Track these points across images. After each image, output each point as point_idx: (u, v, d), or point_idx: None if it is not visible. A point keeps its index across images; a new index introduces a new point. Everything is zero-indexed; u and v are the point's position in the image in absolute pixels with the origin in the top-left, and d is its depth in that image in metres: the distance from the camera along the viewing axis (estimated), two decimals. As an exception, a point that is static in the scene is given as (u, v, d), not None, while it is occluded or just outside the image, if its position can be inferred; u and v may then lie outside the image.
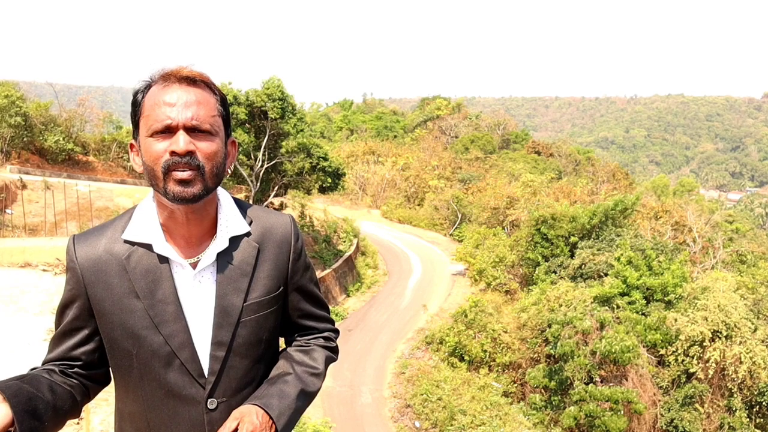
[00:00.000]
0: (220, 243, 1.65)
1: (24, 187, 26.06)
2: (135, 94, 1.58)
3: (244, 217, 1.72)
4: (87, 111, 36.24)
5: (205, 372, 1.63)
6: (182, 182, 1.50)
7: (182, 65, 1.58)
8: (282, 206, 32.91)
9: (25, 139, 30.55)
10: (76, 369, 1.68)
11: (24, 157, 30.75)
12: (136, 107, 1.57)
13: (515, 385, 25.53)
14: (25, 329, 15.38)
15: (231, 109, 23.09)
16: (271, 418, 1.59)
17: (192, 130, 1.51)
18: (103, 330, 1.64)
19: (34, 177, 27.76)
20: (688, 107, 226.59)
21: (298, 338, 1.89)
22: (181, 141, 1.49)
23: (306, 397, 1.73)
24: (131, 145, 1.63)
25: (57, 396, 1.57)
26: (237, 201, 1.76)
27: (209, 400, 1.64)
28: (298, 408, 1.68)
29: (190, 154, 1.50)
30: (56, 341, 1.69)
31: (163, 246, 1.60)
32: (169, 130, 1.50)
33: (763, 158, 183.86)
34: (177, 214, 1.60)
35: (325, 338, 1.91)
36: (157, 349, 1.60)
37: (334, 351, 1.93)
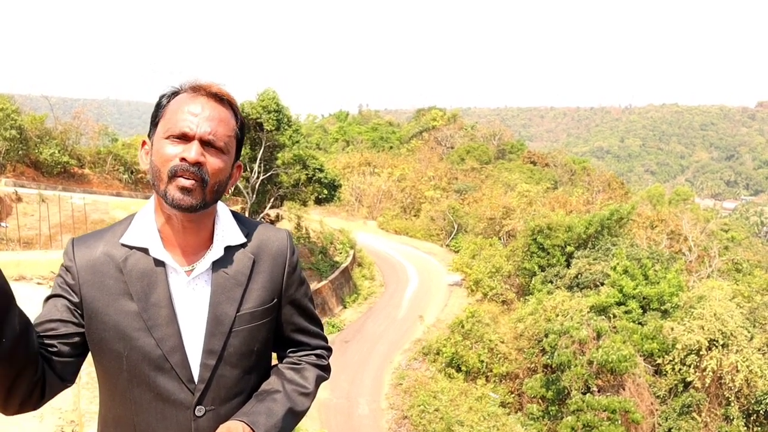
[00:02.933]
0: (215, 252, 1.67)
1: (19, 200, 25.99)
2: (161, 97, 1.63)
3: (241, 230, 1.75)
4: (82, 124, 36.21)
5: (195, 378, 1.63)
6: (183, 189, 1.53)
7: (214, 82, 1.63)
8: (278, 218, 32.89)
9: (20, 152, 30.50)
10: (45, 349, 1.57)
11: (19, 170, 30.69)
12: (159, 108, 1.62)
13: (512, 395, 25.47)
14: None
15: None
16: None
17: (206, 144, 1.56)
18: (94, 331, 1.63)
19: (30, 190, 27.68)
20: (682, 116, 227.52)
21: (290, 354, 1.89)
22: (194, 151, 1.53)
23: (294, 416, 1.73)
24: (143, 143, 1.66)
25: (30, 338, 1.46)
26: (235, 214, 1.79)
27: (197, 407, 1.64)
28: (284, 428, 1.68)
29: (199, 164, 1.54)
30: (37, 322, 1.61)
31: (159, 250, 1.62)
32: (185, 137, 1.55)
33: (758, 167, 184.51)
34: (174, 221, 1.63)
35: (318, 356, 1.91)
36: (148, 352, 1.60)
37: (326, 370, 1.92)
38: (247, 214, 28.79)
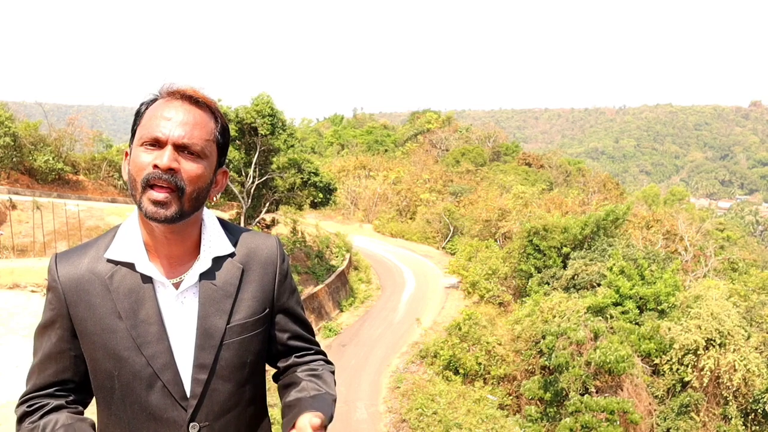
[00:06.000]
0: (203, 263, 1.62)
1: (13, 207, 25.88)
2: (141, 105, 1.59)
3: (229, 238, 1.70)
4: (77, 130, 36.12)
5: (188, 395, 1.60)
6: (156, 203, 1.48)
7: (190, 85, 1.58)
8: (274, 222, 32.82)
9: (14, 159, 30.39)
10: (70, 393, 1.66)
11: (13, 177, 30.58)
12: (137, 117, 1.58)
13: (511, 397, 25.43)
14: (14, 351, 15.24)
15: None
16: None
17: (182, 149, 1.50)
18: (85, 350, 1.61)
19: (24, 197, 27.57)
20: (676, 116, 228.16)
21: (297, 360, 1.83)
22: (166, 156, 1.48)
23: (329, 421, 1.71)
24: (126, 153, 1.61)
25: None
26: (222, 222, 1.74)
27: (191, 424, 1.60)
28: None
29: (173, 171, 1.48)
30: (42, 365, 1.65)
31: (145, 265, 1.58)
32: (158, 143, 1.49)
33: (752, 166, 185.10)
34: (156, 232, 1.58)
35: (325, 361, 1.88)
36: (139, 371, 1.57)
37: (333, 374, 1.89)
38: (242, 219, 28.74)
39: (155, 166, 1.47)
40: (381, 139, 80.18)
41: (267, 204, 30.41)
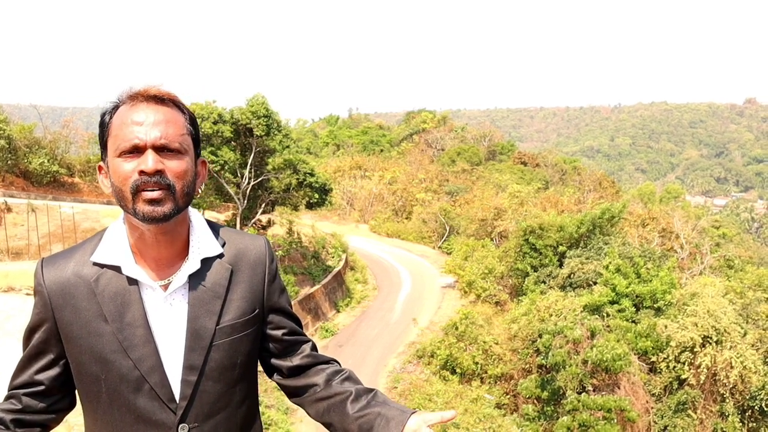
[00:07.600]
0: (191, 264, 1.62)
1: (8, 210, 25.81)
2: (102, 116, 1.56)
3: (217, 239, 1.70)
4: (72, 132, 36.05)
5: (176, 397, 1.59)
6: (152, 202, 1.48)
7: (150, 84, 1.57)
8: (269, 223, 32.78)
9: (9, 162, 30.30)
10: (40, 396, 1.65)
11: (8, 180, 30.50)
12: (104, 128, 1.55)
13: (508, 396, 25.45)
14: (10, 354, 15.21)
15: (216, 127, 22.76)
16: None
17: (161, 150, 1.50)
18: (70, 354, 1.61)
19: (19, 200, 27.50)
20: (671, 114, 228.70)
21: (305, 358, 1.82)
22: (150, 160, 1.47)
23: None
24: (99, 168, 1.60)
25: None
26: (210, 223, 1.74)
27: (180, 426, 1.60)
28: None
29: (160, 173, 1.48)
30: (22, 365, 1.66)
31: (132, 268, 1.57)
32: (137, 150, 1.48)
33: (747, 163, 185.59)
34: (147, 235, 1.57)
35: (334, 360, 1.89)
36: (126, 374, 1.56)
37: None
38: (238, 220, 28.70)
39: (141, 172, 1.47)
40: (376, 139, 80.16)
41: (263, 205, 30.35)
